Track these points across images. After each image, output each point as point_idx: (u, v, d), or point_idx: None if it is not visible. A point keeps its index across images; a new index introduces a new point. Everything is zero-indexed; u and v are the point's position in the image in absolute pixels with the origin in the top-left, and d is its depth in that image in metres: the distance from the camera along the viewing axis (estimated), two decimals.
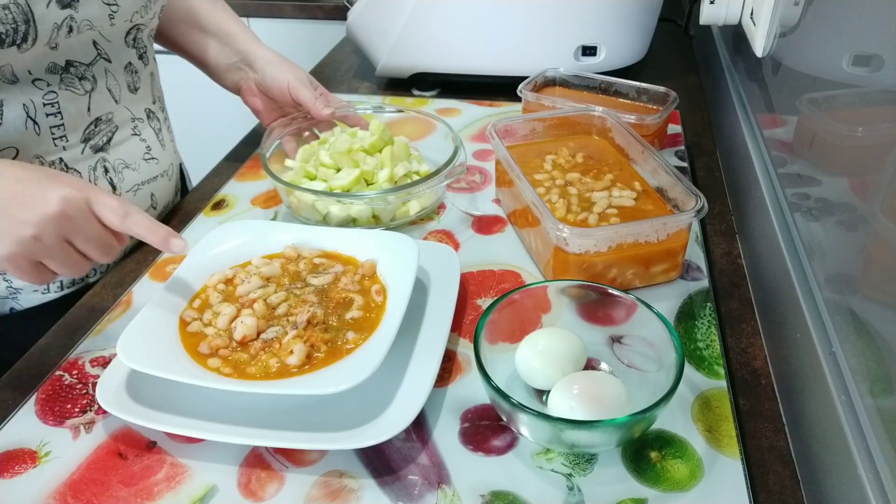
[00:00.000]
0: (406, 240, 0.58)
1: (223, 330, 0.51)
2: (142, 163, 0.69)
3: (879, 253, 0.41)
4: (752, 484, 0.44)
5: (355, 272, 0.57)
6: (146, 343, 0.49)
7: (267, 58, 0.78)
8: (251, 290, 0.54)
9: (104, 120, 0.65)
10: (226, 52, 0.80)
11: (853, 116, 0.49)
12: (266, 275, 0.56)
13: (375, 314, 0.53)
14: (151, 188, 0.71)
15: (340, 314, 0.52)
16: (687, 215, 0.57)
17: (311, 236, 0.61)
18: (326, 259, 0.59)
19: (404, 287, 0.53)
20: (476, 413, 0.49)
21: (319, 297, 0.54)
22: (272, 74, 0.77)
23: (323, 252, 0.59)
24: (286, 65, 0.78)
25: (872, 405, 0.38)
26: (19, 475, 0.45)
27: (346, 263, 0.58)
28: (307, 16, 1.72)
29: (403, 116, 0.81)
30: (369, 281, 0.56)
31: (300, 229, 0.62)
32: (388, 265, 0.57)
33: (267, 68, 0.77)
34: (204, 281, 0.56)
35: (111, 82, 0.65)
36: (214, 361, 0.49)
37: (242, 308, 0.53)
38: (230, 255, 0.59)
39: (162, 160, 0.72)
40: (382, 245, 0.58)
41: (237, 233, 0.60)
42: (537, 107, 0.82)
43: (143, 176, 0.70)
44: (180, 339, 0.51)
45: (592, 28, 0.93)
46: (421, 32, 0.95)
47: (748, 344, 0.56)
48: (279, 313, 0.52)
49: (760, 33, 0.69)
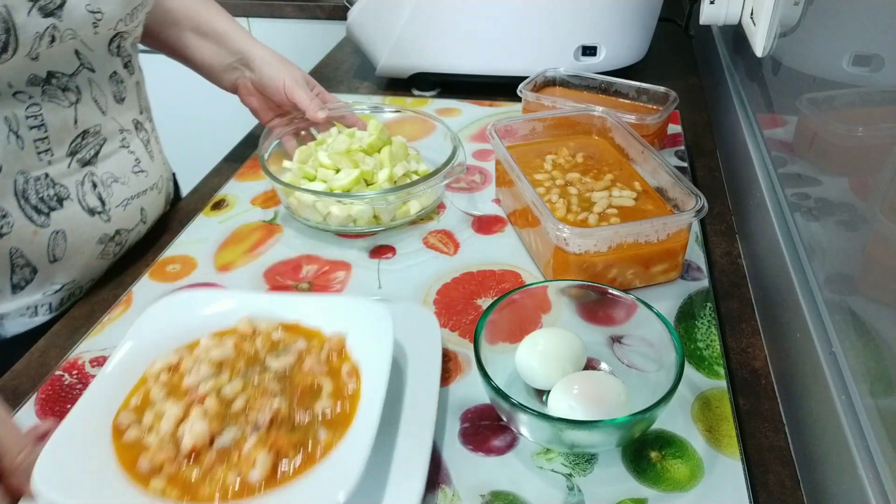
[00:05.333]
0: (378, 309, 0.49)
1: (168, 436, 0.42)
2: (131, 176, 0.66)
3: (879, 253, 0.41)
4: (752, 484, 0.44)
5: (321, 349, 0.48)
6: (70, 462, 0.40)
7: (263, 57, 0.77)
8: (200, 381, 0.45)
9: (92, 132, 0.62)
10: (221, 53, 0.78)
11: (853, 116, 0.49)
12: (218, 359, 0.47)
13: (349, 403, 0.45)
14: (141, 202, 0.68)
15: (308, 405, 0.44)
16: (687, 215, 0.57)
17: (268, 305, 0.52)
18: (287, 333, 0.50)
19: (379, 368, 0.45)
20: (476, 413, 0.49)
21: (282, 384, 0.45)
22: (269, 74, 0.77)
23: (282, 324, 0.51)
24: (283, 64, 0.78)
25: (872, 405, 0.38)
26: None
27: (310, 338, 0.50)
28: (307, 16, 1.72)
29: (402, 116, 0.81)
30: (338, 359, 0.48)
31: (255, 297, 0.53)
32: (358, 338, 0.49)
33: (264, 67, 0.77)
34: (143, 369, 0.47)
35: (97, 93, 0.62)
36: (158, 482, 0.40)
37: (191, 406, 0.43)
38: (175, 333, 0.50)
39: (151, 172, 0.69)
40: (351, 314, 0.50)
41: (182, 305, 0.52)
42: (537, 107, 0.82)
43: (133, 190, 0.66)
44: (114, 452, 0.42)
45: (592, 28, 0.93)
46: (421, 32, 0.95)
47: (748, 344, 0.56)
48: (236, 409, 0.43)
49: (760, 33, 0.69)
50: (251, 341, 0.49)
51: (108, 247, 0.64)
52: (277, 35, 1.74)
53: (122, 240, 0.66)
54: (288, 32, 1.74)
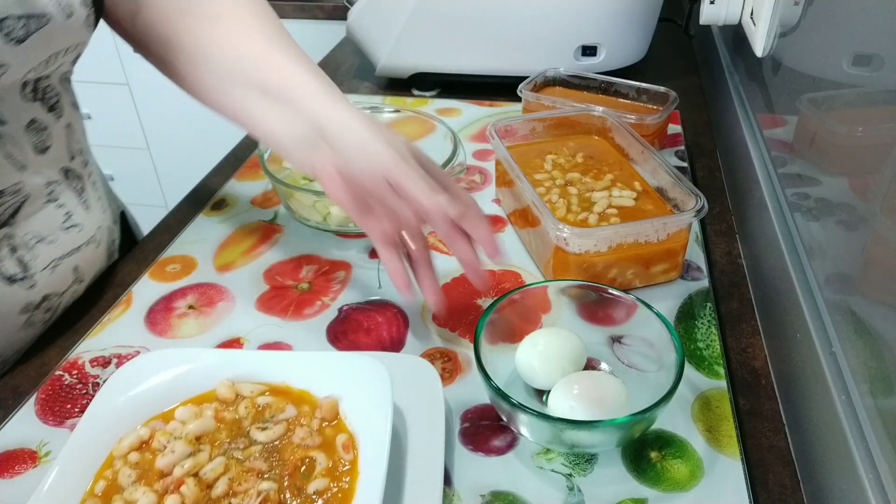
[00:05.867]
0: (373, 367, 0.44)
1: None
2: (60, 233, 0.56)
3: (879, 253, 0.41)
4: (752, 484, 0.44)
5: (312, 416, 0.43)
6: None
7: (346, 127, 0.50)
8: (176, 463, 0.40)
9: (9, 192, 0.51)
10: (290, 119, 0.52)
11: (853, 116, 0.49)
12: (196, 433, 0.42)
13: (347, 481, 0.40)
14: (74, 261, 0.58)
15: (301, 485, 0.39)
16: (687, 215, 0.57)
17: (251, 363, 0.46)
18: (273, 397, 0.45)
19: (379, 438, 0.40)
20: (476, 413, 0.49)
21: (270, 461, 0.41)
22: (360, 158, 0.49)
23: (268, 386, 0.45)
24: (378, 134, 0.50)
25: (872, 405, 0.38)
26: (19, 475, 0.45)
27: (300, 402, 0.44)
28: (307, 16, 1.72)
29: (402, 116, 0.81)
30: (332, 428, 0.43)
31: (236, 355, 0.48)
32: (353, 402, 0.44)
33: (353, 149, 0.49)
34: (111, 446, 0.41)
35: (11, 148, 0.51)
36: None
37: (166, 492, 0.39)
38: (146, 400, 0.44)
39: (87, 225, 0.59)
40: (344, 373, 0.45)
41: (154, 366, 0.46)
42: (537, 107, 0.82)
43: (63, 248, 0.56)
44: None
45: (592, 28, 0.93)
46: (421, 32, 0.95)
47: (748, 344, 0.56)
48: (218, 494, 0.38)
49: (760, 33, 0.69)
50: (233, 408, 0.44)
51: (34, 315, 0.55)
52: None
53: (53, 305, 0.57)
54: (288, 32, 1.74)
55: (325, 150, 0.50)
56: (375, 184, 0.49)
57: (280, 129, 0.52)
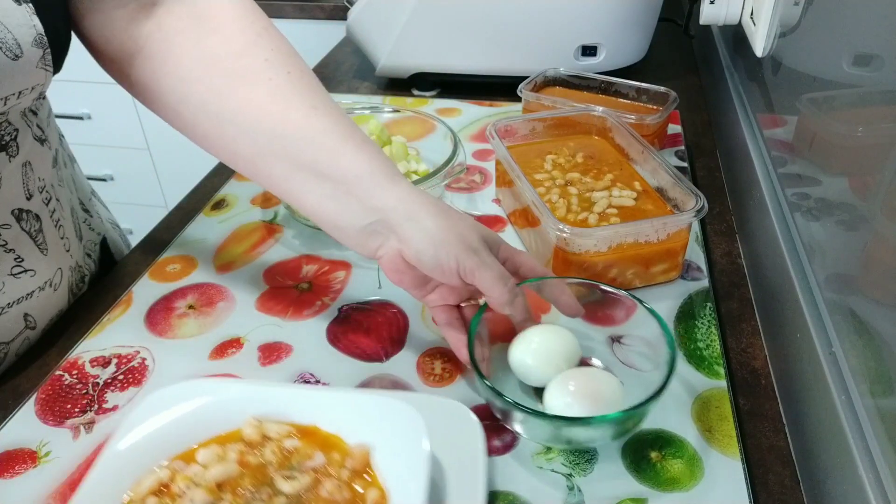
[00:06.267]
0: (409, 414, 0.41)
1: None
2: (9, 279, 0.51)
3: (879, 253, 0.41)
4: (752, 484, 0.44)
5: (342, 464, 0.40)
6: None
7: (412, 217, 0.46)
8: None
9: None
10: (351, 207, 0.47)
11: (853, 116, 0.49)
12: (218, 479, 0.39)
13: None
14: (25, 308, 0.53)
15: None
16: (687, 215, 0.57)
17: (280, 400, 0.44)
18: (301, 441, 0.42)
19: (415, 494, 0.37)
20: (476, 413, 0.49)
21: None
22: (430, 255, 0.46)
23: (296, 427, 0.43)
24: (449, 229, 0.46)
25: (872, 405, 0.38)
26: (19, 475, 0.45)
27: (329, 448, 0.41)
28: (307, 16, 1.72)
29: (402, 116, 0.81)
30: (362, 480, 0.40)
31: (265, 391, 0.45)
32: (387, 453, 0.41)
33: (421, 246, 0.46)
34: (127, 487, 0.39)
35: None
36: None
37: None
38: (167, 437, 0.41)
39: (41, 270, 0.54)
40: (377, 418, 0.42)
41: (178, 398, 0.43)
42: (537, 107, 0.82)
43: (13, 295, 0.52)
44: None
45: (592, 28, 0.93)
46: (421, 32, 0.95)
47: (748, 344, 0.56)
48: None
49: (760, 33, 0.69)
50: (259, 451, 0.41)
51: None
52: None
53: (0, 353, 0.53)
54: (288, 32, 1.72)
55: (390, 240, 0.47)
56: (445, 276, 0.46)
57: (338, 216, 0.48)
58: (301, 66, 0.51)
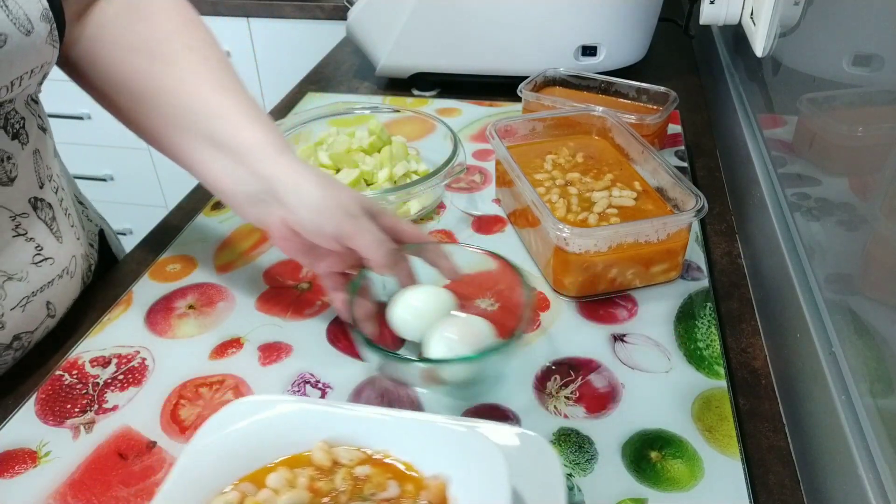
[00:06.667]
0: (488, 447, 0.38)
1: None
2: (31, 269, 0.52)
3: (879, 253, 0.41)
4: (752, 484, 0.44)
5: (416, 497, 0.38)
6: None
7: (298, 186, 0.49)
8: None
9: None
10: (241, 175, 0.51)
11: (853, 116, 0.49)
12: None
13: None
14: (47, 296, 0.54)
15: None
16: (687, 215, 0.57)
17: (351, 423, 0.41)
18: (373, 469, 0.40)
19: None
20: (476, 413, 0.49)
21: None
22: (311, 220, 0.49)
23: (367, 455, 0.40)
24: (329, 197, 0.49)
25: (872, 405, 0.38)
26: (19, 475, 0.45)
27: (402, 478, 0.39)
28: (307, 16, 1.72)
29: (402, 116, 0.81)
30: None
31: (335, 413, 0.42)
32: (464, 487, 0.38)
33: (302, 211, 0.49)
34: None
35: None
36: None
37: None
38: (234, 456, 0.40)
39: (59, 257, 0.55)
40: (452, 449, 0.39)
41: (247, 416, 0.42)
42: (537, 107, 0.82)
43: (35, 284, 0.53)
44: None
45: (592, 28, 0.93)
46: (421, 32, 0.95)
47: (748, 344, 0.56)
48: None
49: (760, 33, 0.69)
50: (329, 478, 0.39)
51: (3, 356, 0.52)
52: (277, 35, 1.74)
53: (24, 343, 0.54)
54: (288, 32, 1.74)
55: (276, 207, 0.50)
56: (326, 241, 0.49)
57: (231, 184, 0.52)
58: (218, 55, 0.55)
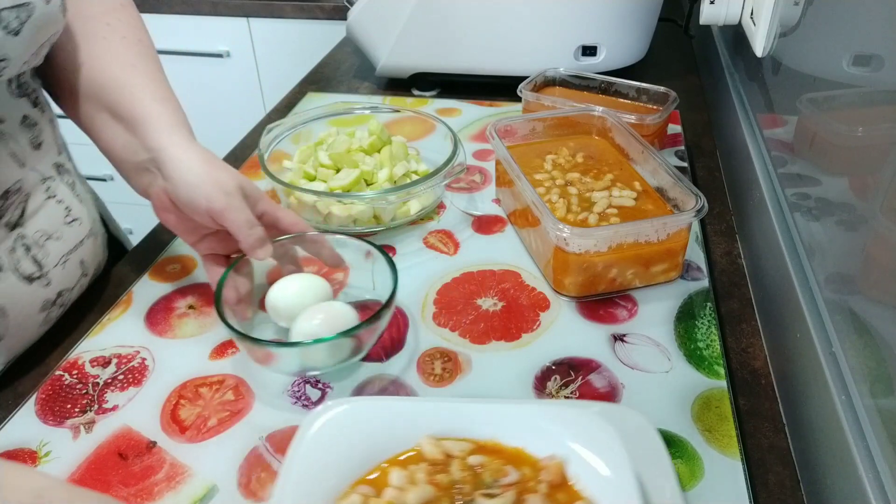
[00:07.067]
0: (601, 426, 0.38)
1: None
2: (64, 228, 0.56)
3: (879, 253, 0.41)
4: (752, 484, 0.44)
5: (536, 479, 0.37)
6: None
7: (180, 160, 0.52)
8: None
9: (13, 191, 0.52)
10: (133, 146, 0.55)
11: (853, 116, 0.49)
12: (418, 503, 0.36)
13: None
14: (80, 255, 0.58)
15: None
16: (687, 215, 0.57)
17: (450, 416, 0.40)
18: (486, 457, 0.39)
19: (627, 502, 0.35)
20: None
21: None
22: (185, 189, 0.52)
23: (476, 444, 0.40)
24: (208, 172, 0.52)
25: (872, 405, 0.38)
26: None
27: (518, 463, 0.38)
28: (307, 16, 1.72)
29: (402, 116, 0.81)
30: (564, 493, 0.37)
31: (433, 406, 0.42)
32: (581, 464, 0.38)
33: (178, 177, 0.52)
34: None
35: (12, 145, 0.52)
36: None
37: None
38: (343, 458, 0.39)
39: (84, 218, 0.59)
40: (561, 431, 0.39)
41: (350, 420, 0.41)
42: (537, 107, 0.82)
43: (69, 243, 0.57)
44: None
45: (592, 28, 0.93)
46: (421, 32, 0.95)
47: (748, 344, 0.56)
48: None
49: (760, 33, 0.69)
50: (446, 470, 0.38)
51: (51, 312, 0.56)
52: (277, 35, 1.74)
53: (65, 300, 0.57)
54: (288, 32, 1.74)
55: (159, 179, 0.54)
56: (200, 216, 0.53)
57: (122, 152, 0.56)
58: (139, 37, 0.59)
